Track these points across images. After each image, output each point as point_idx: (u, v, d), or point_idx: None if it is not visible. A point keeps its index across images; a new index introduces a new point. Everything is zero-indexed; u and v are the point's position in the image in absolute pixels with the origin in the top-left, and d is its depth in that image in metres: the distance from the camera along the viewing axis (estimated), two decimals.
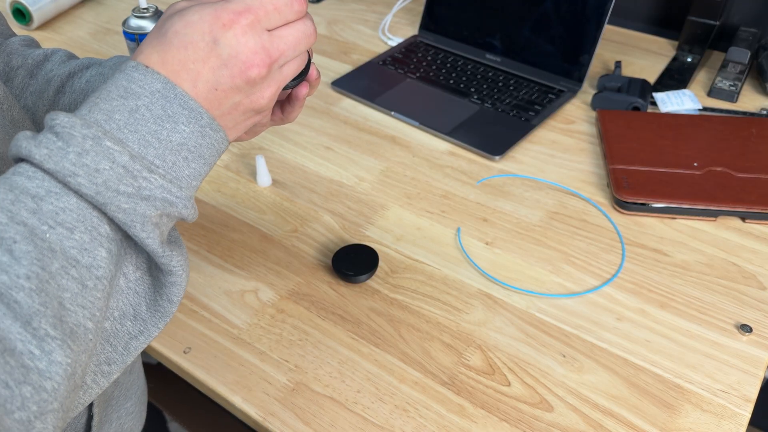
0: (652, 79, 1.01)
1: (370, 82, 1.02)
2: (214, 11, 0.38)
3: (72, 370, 0.33)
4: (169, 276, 0.38)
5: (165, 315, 0.39)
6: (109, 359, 0.38)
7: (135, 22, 0.92)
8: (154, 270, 0.39)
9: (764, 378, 0.61)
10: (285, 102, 0.51)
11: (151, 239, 0.36)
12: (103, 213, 0.35)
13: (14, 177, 0.34)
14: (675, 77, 1.00)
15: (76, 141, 0.34)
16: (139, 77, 0.37)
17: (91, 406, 0.54)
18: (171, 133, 0.37)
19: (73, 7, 1.29)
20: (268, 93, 0.41)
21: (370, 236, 0.77)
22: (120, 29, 1.21)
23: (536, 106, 0.96)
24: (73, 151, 0.34)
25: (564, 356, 0.63)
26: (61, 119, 0.35)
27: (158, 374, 0.88)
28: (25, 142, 0.34)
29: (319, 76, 0.48)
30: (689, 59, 1.03)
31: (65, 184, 0.34)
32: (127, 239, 0.38)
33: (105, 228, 0.35)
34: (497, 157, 0.87)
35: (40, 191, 0.34)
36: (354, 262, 0.70)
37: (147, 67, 0.37)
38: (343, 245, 0.73)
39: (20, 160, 0.35)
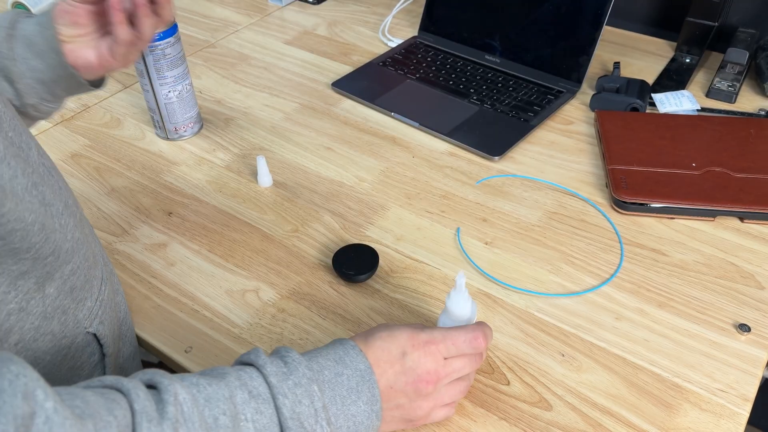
0: (650, 79, 1.02)
1: (370, 83, 1.03)
2: (411, 334, 0.51)
3: None
4: None
5: None
6: None
7: None
8: None
9: (763, 377, 0.62)
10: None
11: None
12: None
13: (242, 373, 0.46)
14: (673, 78, 1.01)
15: (297, 375, 0.47)
16: (354, 354, 0.50)
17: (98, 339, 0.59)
18: (353, 404, 0.48)
19: None
20: (426, 406, 0.52)
21: (370, 236, 0.77)
22: None
23: (535, 107, 0.96)
24: (292, 381, 0.46)
25: (563, 355, 0.63)
26: (292, 356, 0.48)
27: None
28: (261, 358, 0.47)
29: None
30: (688, 60, 1.04)
31: (274, 399, 0.45)
32: None
33: None
34: (496, 158, 0.87)
35: (254, 390, 0.45)
36: (354, 262, 0.70)
37: (361, 351, 0.50)
38: (343, 245, 0.74)
39: (250, 365, 0.48)
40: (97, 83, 0.68)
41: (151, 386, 0.43)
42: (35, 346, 0.51)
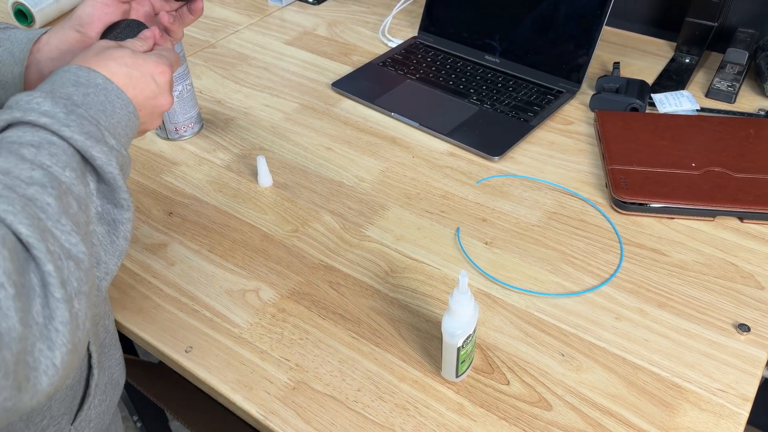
0: (650, 80, 1.02)
1: (370, 83, 1.03)
2: (118, 52, 0.52)
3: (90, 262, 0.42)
4: (123, 212, 0.47)
5: (121, 253, 0.48)
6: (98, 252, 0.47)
7: None
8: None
9: (762, 377, 0.62)
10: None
11: (119, 177, 0.47)
12: (84, 158, 0.45)
13: (11, 133, 0.43)
14: (673, 78, 1.01)
15: (58, 108, 0.44)
16: (85, 73, 0.48)
17: (88, 345, 0.58)
18: (112, 114, 0.49)
19: (75, 8, 1.29)
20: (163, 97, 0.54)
21: (371, 236, 0.77)
22: None
23: (535, 107, 0.96)
24: (60, 115, 0.44)
25: (563, 355, 0.63)
26: (37, 101, 0.44)
27: (160, 373, 0.89)
28: (19, 113, 0.43)
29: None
30: (687, 60, 1.04)
31: (58, 134, 0.43)
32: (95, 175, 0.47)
33: (88, 167, 0.46)
34: (496, 158, 0.88)
35: (35, 140, 0.42)
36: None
37: (89, 68, 0.48)
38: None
39: (12, 126, 0.44)
40: None
41: None
42: None
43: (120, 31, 0.59)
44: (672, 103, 0.94)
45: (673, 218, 0.78)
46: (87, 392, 0.59)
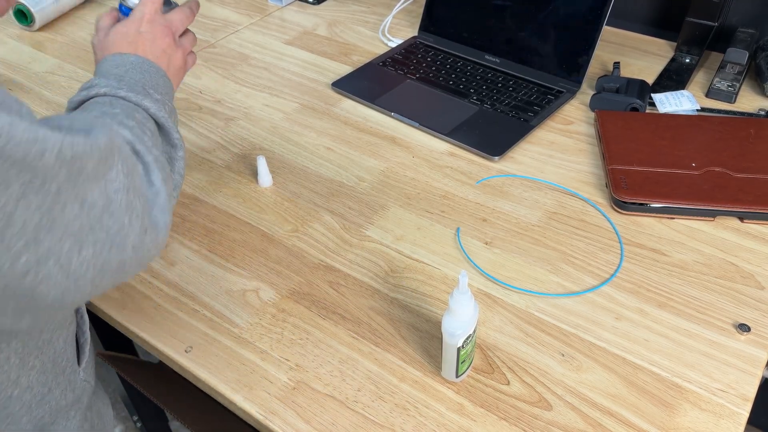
0: (650, 79, 1.02)
1: (370, 83, 1.03)
2: (129, 21, 0.67)
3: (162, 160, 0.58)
4: (177, 150, 0.63)
5: (177, 185, 0.62)
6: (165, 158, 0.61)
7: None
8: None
9: (762, 377, 0.62)
10: None
11: (170, 121, 0.62)
12: (143, 109, 0.59)
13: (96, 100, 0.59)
14: (673, 78, 1.01)
15: (130, 84, 0.61)
16: (124, 58, 0.63)
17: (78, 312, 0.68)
18: (151, 78, 0.64)
19: (75, 8, 1.29)
20: (179, 55, 0.70)
21: (371, 236, 0.77)
22: None
23: (535, 107, 0.96)
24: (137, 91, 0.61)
25: (563, 355, 0.63)
26: (107, 82, 0.60)
27: (160, 373, 0.89)
28: (105, 87, 0.59)
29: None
30: (687, 60, 1.04)
31: (139, 104, 0.60)
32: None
33: (145, 115, 0.60)
34: (496, 158, 0.88)
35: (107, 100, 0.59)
36: None
37: (120, 53, 0.64)
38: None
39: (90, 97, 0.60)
40: None
41: None
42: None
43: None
44: (672, 103, 0.94)
45: (673, 218, 0.78)
46: (84, 337, 0.67)
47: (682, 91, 0.97)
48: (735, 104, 0.96)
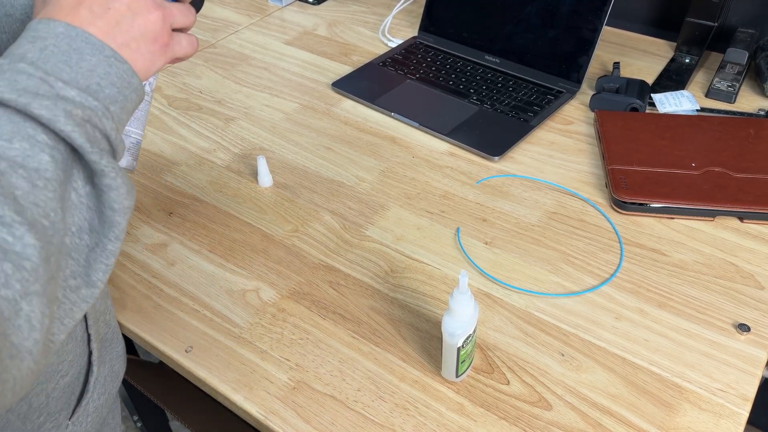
0: (650, 80, 1.02)
1: (370, 83, 1.03)
2: None
3: (46, 254, 0.35)
4: (103, 178, 0.40)
5: (112, 225, 0.41)
6: (73, 273, 0.40)
7: None
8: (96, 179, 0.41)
9: (762, 377, 0.62)
10: None
11: (77, 133, 0.38)
12: (37, 123, 0.37)
13: None
14: (673, 78, 1.01)
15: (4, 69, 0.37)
16: (43, 25, 0.40)
17: (89, 342, 0.58)
18: (80, 61, 0.40)
19: None
20: (154, 16, 0.44)
21: (371, 236, 0.77)
22: None
23: (535, 107, 0.96)
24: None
25: (563, 355, 0.63)
26: None
27: (160, 373, 0.89)
28: None
29: None
30: (687, 60, 1.04)
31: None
32: (72, 153, 0.39)
33: (42, 136, 0.37)
34: (496, 158, 0.88)
35: None
36: None
37: (49, 18, 0.41)
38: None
39: None
40: None
41: None
42: None
43: None
44: (672, 103, 0.94)
45: (673, 218, 0.78)
46: (86, 388, 0.59)
47: (681, 91, 0.97)
48: (735, 104, 0.96)
